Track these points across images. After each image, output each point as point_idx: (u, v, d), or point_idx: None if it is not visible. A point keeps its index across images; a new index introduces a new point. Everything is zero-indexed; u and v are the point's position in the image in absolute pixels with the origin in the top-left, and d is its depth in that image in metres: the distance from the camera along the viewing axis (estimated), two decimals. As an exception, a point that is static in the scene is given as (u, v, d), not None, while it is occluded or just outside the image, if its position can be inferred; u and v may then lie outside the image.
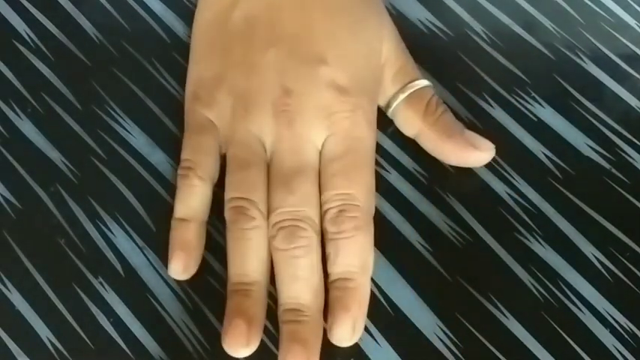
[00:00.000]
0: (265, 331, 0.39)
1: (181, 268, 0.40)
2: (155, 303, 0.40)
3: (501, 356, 0.39)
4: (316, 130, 0.41)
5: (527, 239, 0.42)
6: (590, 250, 0.41)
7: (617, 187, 0.43)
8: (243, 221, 0.40)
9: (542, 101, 0.45)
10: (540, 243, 0.41)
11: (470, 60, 0.46)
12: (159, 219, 0.42)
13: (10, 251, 0.42)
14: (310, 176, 0.40)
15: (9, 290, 0.41)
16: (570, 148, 0.44)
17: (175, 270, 0.40)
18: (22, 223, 0.43)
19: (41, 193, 0.43)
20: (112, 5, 0.48)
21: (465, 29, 0.47)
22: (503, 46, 0.47)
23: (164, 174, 0.44)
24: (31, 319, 0.40)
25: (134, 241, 0.42)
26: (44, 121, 0.45)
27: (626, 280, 0.41)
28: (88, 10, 0.48)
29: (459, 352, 0.39)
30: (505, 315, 0.40)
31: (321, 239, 0.40)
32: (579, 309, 0.40)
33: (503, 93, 0.45)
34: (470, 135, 0.43)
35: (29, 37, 0.47)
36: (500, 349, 0.39)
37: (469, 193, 0.43)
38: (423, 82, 0.44)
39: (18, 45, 0.47)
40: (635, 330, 0.40)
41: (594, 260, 0.41)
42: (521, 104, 0.45)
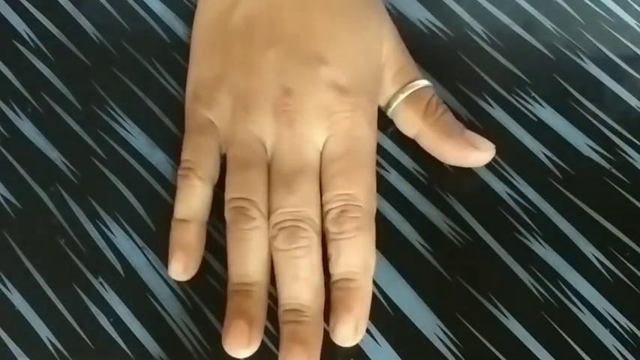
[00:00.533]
0: (265, 332, 0.39)
1: (181, 268, 0.40)
2: (155, 303, 0.40)
3: (501, 356, 0.39)
4: (317, 130, 0.41)
5: (527, 239, 0.42)
6: (590, 250, 0.41)
7: (617, 187, 0.43)
8: (243, 221, 0.40)
9: (542, 101, 0.45)
10: (540, 243, 0.41)
11: (470, 60, 0.46)
12: (159, 219, 0.42)
13: (10, 251, 0.42)
14: (311, 176, 0.40)
15: (9, 290, 0.41)
16: (570, 148, 0.44)
17: (175, 271, 0.40)
18: (22, 223, 0.43)
19: (41, 193, 0.43)
20: (112, 5, 0.48)
21: (465, 29, 0.47)
22: (503, 46, 0.47)
23: (164, 174, 0.44)
24: (31, 319, 0.40)
25: (134, 241, 0.42)
26: (44, 121, 0.45)
27: (626, 280, 0.41)
28: (88, 10, 0.48)
29: (459, 352, 0.39)
30: (505, 315, 0.40)
31: (323, 240, 0.40)
32: (579, 309, 0.40)
33: (503, 93, 0.45)
34: (470, 135, 0.43)
35: (29, 37, 0.47)
36: (500, 349, 0.39)
37: (469, 193, 0.43)
38: (423, 82, 0.44)
39: (18, 45, 0.47)
40: (635, 330, 0.40)
41: (594, 260, 0.41)
42: (521, 104, 0.45)
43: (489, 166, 0.43)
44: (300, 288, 0.39)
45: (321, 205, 0.40)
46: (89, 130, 0.45)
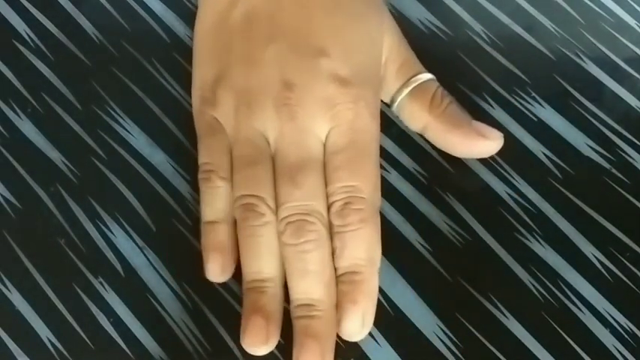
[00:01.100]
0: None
1: (219, 269, 0.40)
2: (155, 303, 0.40)
3: (501, 356, 0.39)
4: (319, 123, 0.41)
5: (527, 239, 0.42)
6: (590, 250, 0.41)
7: (617, 187, 0.43)
8: (252, 218, 0.40)
9: (542, 101, 0.45)
10: (540, 243, 0.41)
11: (470, 60, 0.46)
12: (159, 219, 0.42)
13: (10, 251, 0.42)
14: (315, 169, 0.40)
15: (9, 290, 0.41)
16: (570, 148, 0.44)
17: (213, 272, 0.40)
18: (22, 223, 0.43)
19: (41, 193, 0.43)
20: (112, 5, 0.48)
21: (465, 29, 0.47)
22: (503, 46, 0.47)
23: (164, 174, 0.44)
24: (31, 319, 0.40)
25: (134, 241, 0.42)
26: (44, 121, 0.45)
27: (626, 280, 0.41)
28: (88, 10, 0.48)
29: (459, 352, 0.39)
30: (505, 315, 0.40)
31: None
32: (579, 309, 0.40)
33: (503, 93, 0.45)
34: (478, 125, 0.43)
35: (29, 37, 0.47)
36: (500, 349, 0.39)
37: (469, 193, 0.43)
38: (426, 75, 0.43)
39: (18, 45, 0.47)
40: (635, 330, 0.40)
41: (594, 260, 0.41)
42: (521, 104, 0.45)
43: (489, 166, 0.43)
44: (311, 282, 0.39)
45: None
46: (89, 130, 0.45)
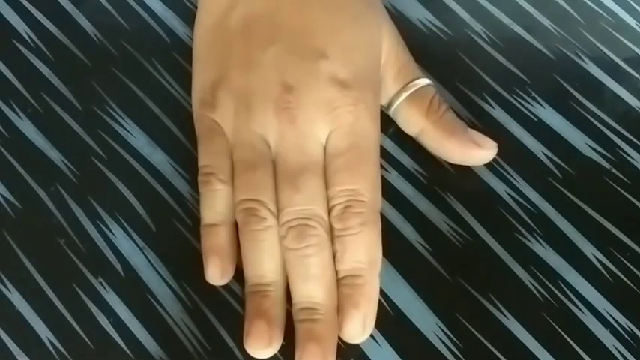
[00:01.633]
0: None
1: (219, 273, 0.40)
2: (155, 303, 0.40)
3: (501, 356, 0.39)
4: (319, 126, 0.41)
5: (527, 239, 0.42)
6: (590, 250, 0.41)
7: (617, 187, 0.43)
8: (254, 223, 0.40)
9: (542, 101, 0.45)
10: (540, 243, 0.41)
11: (470, 60, 0.46)
12: (159, 219, 0.42)
13: (10, 251, 0.42)
14: (316, 173, 0.40)
15: (9, 290, 0.41)
16: (570, 148, 0.44)
17: (213, 275, 0.40)
18: (22, 223, 0.43)
19: (41, 193, 0.43)
20: (111, 5, 0.48)
21: (465, 29, 0.47)
22: (503, 46, 0.47)
23: (164, 174, 0.44)
24: (31, 319, 0.40)
25: (134, 241, 0.42)
26: (44, 121, 0.45)
27: (626, 280, 0.41)
28: (88, 10, 0.48)
29: (459, 352, 0.39)
30: (505, 315, 0.40)
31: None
32: (579, 309, 0.40)
33: (503, 93, 0.45)
34: (472, 133, 0.43)
35: (29, 37, 0.47)
36: (501, 349, 0.39)
37: (469, 193, 0.43)
38: (424, 81, 0.44)
39: (18, 45, 0.47)
40: (635, 330, 0.40)
41: (594, 260, 0.41)
42: (521, 104, 0.45)
43: (489, 166, 0.43)
44: (313, 286, 0.39)
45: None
46: (89, 130, 0.45)
